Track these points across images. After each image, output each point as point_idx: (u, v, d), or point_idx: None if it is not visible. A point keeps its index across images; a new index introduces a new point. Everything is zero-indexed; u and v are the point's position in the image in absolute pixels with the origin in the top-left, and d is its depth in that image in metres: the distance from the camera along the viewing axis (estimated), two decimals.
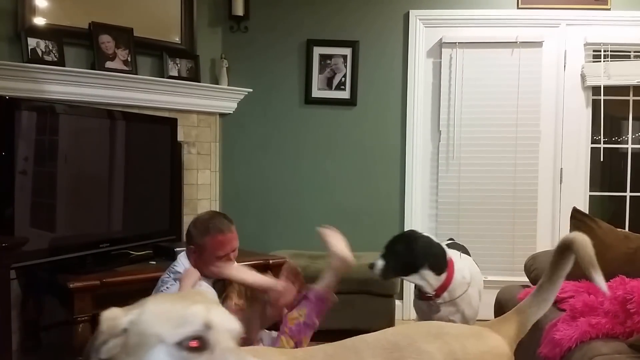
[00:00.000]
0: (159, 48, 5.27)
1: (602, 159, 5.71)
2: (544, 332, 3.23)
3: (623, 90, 5.70)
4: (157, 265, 4.35)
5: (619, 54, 5.65)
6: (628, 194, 5.76)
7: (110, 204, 4.50)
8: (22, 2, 4.40)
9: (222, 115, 5.80)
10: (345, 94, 5.85)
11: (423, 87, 5.84)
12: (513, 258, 5.50)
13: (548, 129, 5.75)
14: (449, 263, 3.71)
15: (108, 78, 4.74)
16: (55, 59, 4.50)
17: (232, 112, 5.81)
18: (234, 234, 3.32)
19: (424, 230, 5.70)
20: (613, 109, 5.79)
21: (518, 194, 5.68)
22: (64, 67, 4.53)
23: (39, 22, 4.49)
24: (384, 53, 5.85)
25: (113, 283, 3.96)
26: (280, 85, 5.90)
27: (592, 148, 5.77)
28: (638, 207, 5.74)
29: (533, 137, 5.72)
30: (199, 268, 3.26)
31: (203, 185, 5.62)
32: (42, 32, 4.48)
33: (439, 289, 3.69)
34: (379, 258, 3.71)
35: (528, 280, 4.13)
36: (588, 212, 5.19)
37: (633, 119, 5.77)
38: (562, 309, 3.36)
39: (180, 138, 5.28)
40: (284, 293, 3.17)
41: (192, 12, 5.50)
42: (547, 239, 5.61)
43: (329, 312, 3.05)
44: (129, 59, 4.94)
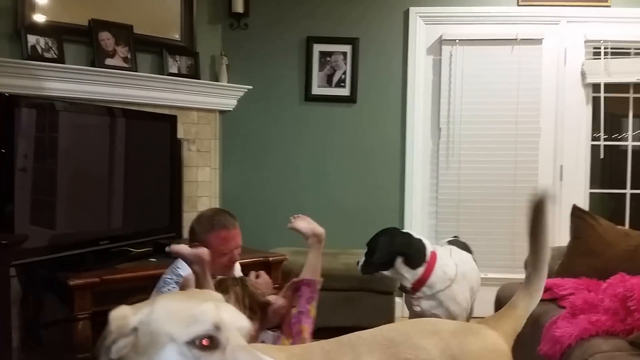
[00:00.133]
0: (159, 45, 5.27)
1: (602, 156, 5.70)
2: (544, 329, 3.24)
3: (623, 88, 5.70)
4: (157, 263, 4.35)
5: (619, 51, 5.65)
6: (628, 191, 5.76)
7: (110, 201, 4.49)
8: None
9: (222, 113, 5.79)
10: (345, 91, 5.84)
11: (423, 84, 5.84)
12: (513, 255, 5.49)
13: (548, 127, 5.75)
14: (430, 258, 3.80)
15: (108, 75, 4.74)
16: (55, 56, 4.50)
17: (232, 109, 5.80)
18: (238, 231, 3.33)
19: (424, 228, 5.81)
20: (613, 107, 5.79)
21: (518, 191, 5.67)
22: (64, 64, 4.53)
23: (39, 19, 4.49)
24: (384, 50, 5.84)
25: (113, 280, 3.96)
26: (280, 83, 5.90)
27: (592, 145, 5.77)
28: (638, 204, 5.74)
29: (533, 134, 5.72)
30: None
31: (203, 183, 5.62)
32: (41, 29, 4.47)
33: (417, 283, 3.80)
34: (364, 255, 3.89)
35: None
36: (588, 209, 5.18)
37: (633, 117, 5.77)
38: (562, 306, 3.36)
39: (180, 135, 5.28)
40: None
41: (192, 9, 5.49)
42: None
43: (328, 305, 3.02)
44: (129, 56, 4.94)
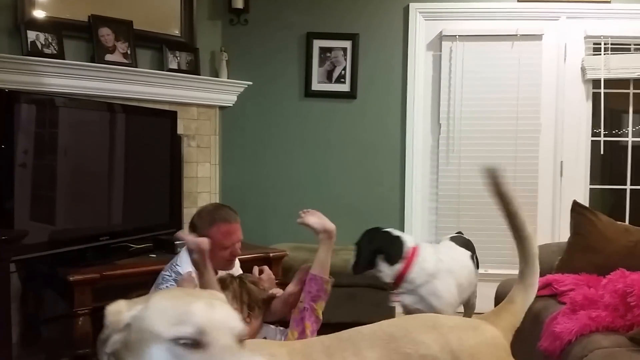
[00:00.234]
0: (159, 41, 5.26)
1: (602, 152, 5.71)
2: (544, 325, 3.24)
3: (623, 84, 5.70)
4: (157, 259, 4.36)
5: (619, 47, 5.64)
6: (628, 187, 5.76)
7: (110, 197, 4.50)
8: None
9: (221, 108, 5.79)
10: (345, 87, 5.84)
11: (423, 80, 5.83)
12: (513, 251, 5.45)
13: (548, 122, 5.74)
14: (409, 254, 3.87)
15: (108, 71, 4.74)
16: (55, 52, 4.49)
17: (231, 105, 5.80)
18: (239, 225, 3.33)
19: (424, 223, 5.82)
20: (613, 102, 5.79)
21: (518, 187, 5.65)
22: (64, 59, 4.52)
23: (39, 14, 4.48)
24: (384, 46, 5.84)
25: (113, 276, 3.96)
26: (280, 78, 5.89)
27: (592, 141, 5.77)
28: (638, 200, 5.74)
29: (533, 130, 5.72)
30: None
31: (203, 178, 5.61)
32: (41, 24, 4.47)
33: (397, 279, 3.87)
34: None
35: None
36: (588, 205, 5.18)
37: (633, 112, 5.77)
38: (562, 302, 3.36)
39: (180, 131, 5.27)
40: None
41: (191, 4, 5.48)
42: (547, 232, 5.61)
43: (331, 301, 3.02)
44: (129, 52, 4.93)
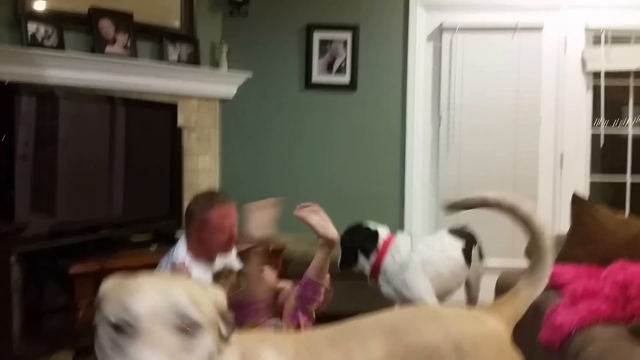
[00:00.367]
0: (159, 32, 5.24)
1: (602, 144, 5.71)
2: (544, 317, 3.25)
3: (623, 75, 5.69)
4: (157, 250, 4.36)
5: (620, 39, 5.63)
6: (628, 180, 5.76)
7: (111, 189, 4.50)
8: None
9: (222, 100, 5.78)
10: (345, 79, 5.83)
11: (423, 71, 5.82)
12: (513, 243, 5.49)
13: (548, 114, 5.74)
14: (382, 245, 4.11)
15: (108, 63, 4.72)
16: (55, 44, 4.48)
17: (232, 97, 5.79)
18: (234, 208, 3.37)
19: (424, 216, 5.82)
20: (613, 94, 5.78)
21: (518, 179, 5.67)
22: (64, 51, 4.51)
23: (39, 6, 4.47)
24: (384, 38, 5.83)
25: (113, 268, 3.95)
26: (280, 70, 5.88)
27: (592, 133, 5.77)
28: (638, 192, 5.75)
29: (533, 122, 5.71)
30: (201, 248, 3.31)
31: (203, 170, 5.61)
32: (42, 16, 4.46)
33: (373, 270, 4.13)
34: None
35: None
36: (588, 197, 5.19)
37: (634, 104, 5.76)
38: (562, 294, 3.37)
39: (180, 123, 5.26)
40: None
41: None
42: (547, 225, 5.60)
43: (331, 297, 3.03)
44: (129, 44, 4.92)
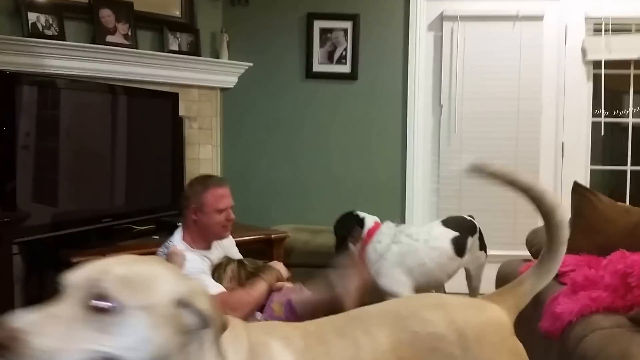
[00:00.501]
0: (159, 22, 5.24)
1: (602, 133, 5.71)
2: (545, 306, 3.25)
3: (624, 64, 5.69)
4: (159, 240, 4.36)
5: (620, 28, 5.63)
6: (629, 168, 5.77)
7: (113, 179, 4.51)
8: None
9: (223, 90, 5.78)
10: (346, 68, 5.83)
11: (424, 60, 5.82)
12: (514, 232, 5.51)
13: (549, 103, 5.74)
14: (366, 234, 4.24)
15: (108, 52, 4.72)
16: (56, 33, 4.48)
17: (233, 86, 5.79)
18: (229, 191, 3.42)
19: (425, 205, 5.85)
20: (614, 83, 5.78)
21: (519, 168, 5.64)
22: (64, 41, 4.51)
23: None
24: (385, 27, 5.82)
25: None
26: (281, 60, 5.88)
27: (593, 122, 5.77)
28: (638, 181, 5.76)
29: (534, 111, 5.72)
30: (198, 233, 3.33)
31: (205, 160, 5.62)
32: (42, 6, 4.45)
33: (360, 256, 4.18)
34: None
35: (530, 255, 4.15)
36: (589, 186, 5.19)
37: (634, 93, 5.77)
38: (562, 283, 3.38)
39: (182, 113, 5.27)
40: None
41: None
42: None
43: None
44: (129, 33, 4.92)
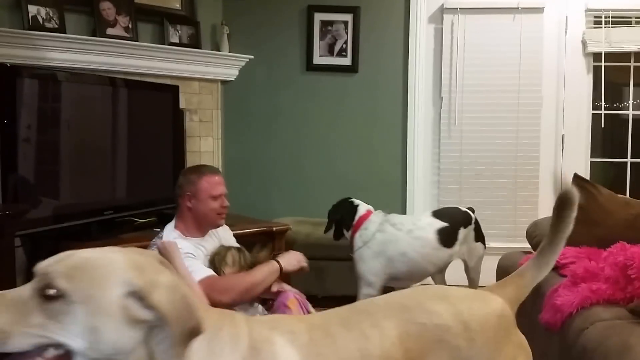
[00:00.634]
0: (160, 14, 5.24)
1: (603, 125, 5.72)
2: (545, 298, 3.26)
3: (624, 57, 5.69)
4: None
5: (620, 20, 5.63)
6: (629, 160, 5.78)
7: (114, 171, 4.52)
8: None
9: (223, 83, 5.78)
10: (347, 61, 5.83)
11: (424, 53, 5.82)
12: (515, 224, 5.53)
13: (549, 96, 5.75)
14: (357, 221, 4.38)
15: (109, 45, 4.72)
16: (56, 26, 4.48)
17: (233, 79, 5.79)
18: (222, 179, 3.45)
19: (426, 197, 5.87)
20: (614, 76, 5.79)
21: (520, 160, 5.69)
22: (65, 34, 4.51)
23: None
24: (385, 19, 5.82)
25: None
26: (282, 52, 5.88)
27: (593, 114, 5.78)
28: (639, 173, 5.76)
29: (535, 103, 5.73)
30: (192, 221, 3.33)
31: (206, 153, 5.62)
32: None
33: (350, 243, 4.39)
34: None
35: (530, 247, 4.16)
36: (589, 178, 5.20)
37: (634, 85, 5.78)
38: (563, 275, 3.38)
39: (182, 105, 5.28)
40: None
41: None
42: (548, 205, 5.56)
43: (328, 271, 3.09)
44: (130, 26, 4.92)
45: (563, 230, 2.08)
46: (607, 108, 5.73)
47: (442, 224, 4.32)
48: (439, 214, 4.43)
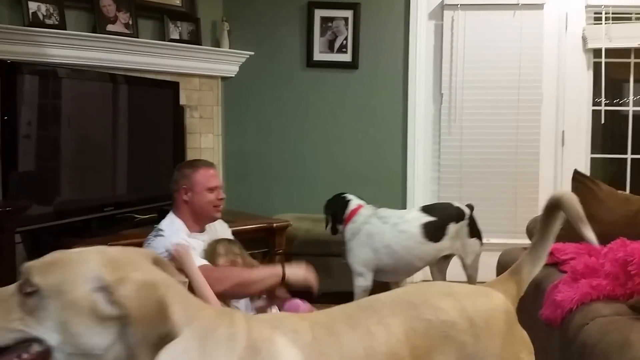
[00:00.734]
0: (160, 11, 5.24)
1: (603, 122, 5.72)
2: (545, 294, 3.27)
3: (624, 53, 5.69)
4: None
5: (620, 16, 5.62)
6: (629, 156, 5.78)
7: (115, 168, 4.52)
8: None
9: (223, 79, 5.78)
10: (347, 57, 5.82)
11: (425, 49, 5.82)
12: (515, 220, 5.52)
13: (550, 92, 5.74)
14: (348, 215, 4.52)
15: (109, 41, 4.72)
16: (57, 22, 4.47)
17: (233, 75, 5.79)
18: (217, 172, 3.49)
19: (427, 193, 5.87)
20: (614, 72, 5.79)
21: (520, 157, 5.69)
22: (65, 30, 4.50)
23: None
24: (386, 15, 5.81)
25: (118, 246, 3.98)
26: (282, 49, 5.88)
27: (593, 110, 5.78)
28: (639, 169, 5.76)
29: (535, 99, 5.72)
30: (190, 216, 3.34)
31: (206, 149, 5.62)
32: None
33: (343, 236, 4.52)
34: None
35: (530, 243, 4.15)
36: (589, 174, 5.21)
37: (634, 82, 5.77)
38: (563, 271, 3.39)
39: (183, 102, 5.28)
40: None
41: None
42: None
43: (326, 268, 3.09)
44: (130, 22, 4.92)
45: (553, 226, 2.11)
46: (607, 104, 5.74)
47: (428, 219, 4.38)
48: (428, 209, 4.50)
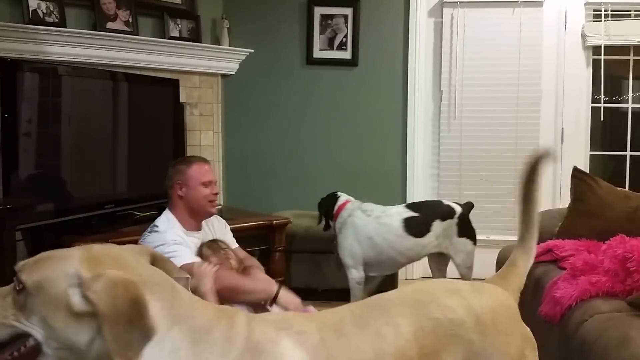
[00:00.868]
0: (160, 8, 5.24)
1: (602, 119, 5.73)
2: (545, 290, 3.28)
3: (623, 50, 5.69)
4: None
5: (619, 13, 5.62)
6: (628, 153, 5.78)
7: (115, 165, 4.53)
8: None
9: (224, 77, 5.79)
10: (347, 54, 5.83)
11: (424, 47, 5.82)
12: (515, 217, 5.48)
13: (549, 89, 5.74)
14: (336, 210, 4.60)
15: (109, 39, 4.73)
16: (57, 20, 4.47)
17: (233, 73, 5.80)
18: (211, 168, 3.51)
19: (426, 190, 5.87)
20: (613, 69, 5.79)
21: (519, 153, 5.67)
22: (65, 28, 4.50)
23: None
24: (385, 13, 5.81)
25: (119, 244, 3.97)
26: (282, 46, 5.88)
27: (592, 107, 5.78)
28: (638, 166, 5.77)
29: (534, 96, 5.72)
30: (185, 212, 3.34)
31: (206, 147, 5.62)
32: None
33: (334, 231, 4.61)
34: None
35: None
36: (588, 171, 5.21)
37: (633, 79, 5.77)
38: (562, 268, 3.40)
39: (183, 99, 5.29)
40: None
41: None
42: (548, 198, 5.61)
43: (325, 265, 3.08)
44: (130, 20, 4.92)
45: (532, 210, 2.15)
46: (606, 101, 5.73)
47: (410, 214, 4.43)
48: (413, 205, 4.59)
